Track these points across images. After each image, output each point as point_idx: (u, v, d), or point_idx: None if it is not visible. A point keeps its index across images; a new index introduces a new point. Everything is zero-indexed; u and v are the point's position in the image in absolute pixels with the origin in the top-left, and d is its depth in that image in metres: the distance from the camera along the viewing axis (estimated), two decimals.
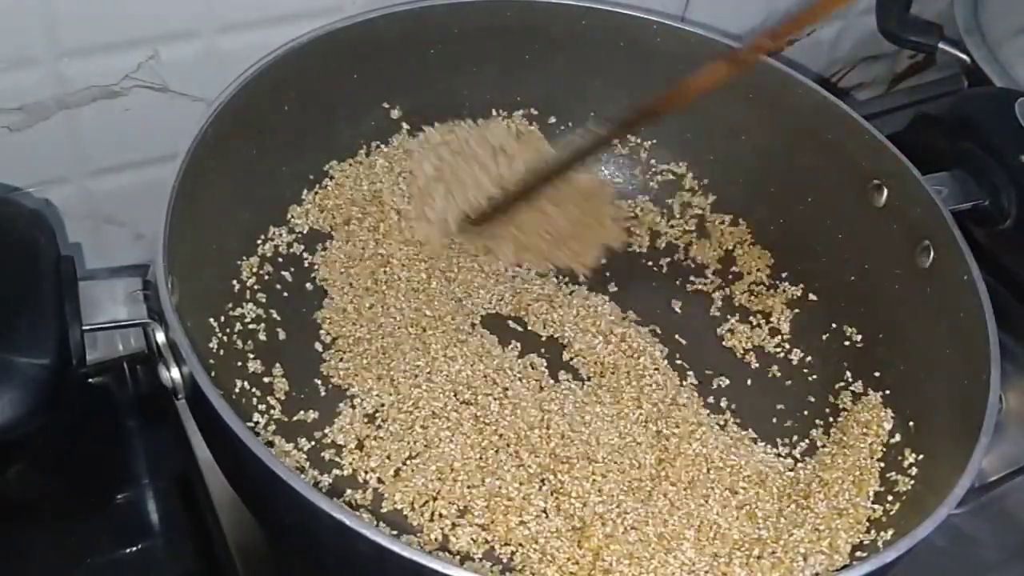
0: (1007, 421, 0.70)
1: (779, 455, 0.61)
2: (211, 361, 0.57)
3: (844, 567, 0.53)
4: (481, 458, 0.57)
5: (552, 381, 0.62)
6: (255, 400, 0.58)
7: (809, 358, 0.66)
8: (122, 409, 0.69)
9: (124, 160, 0.65)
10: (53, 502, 0.65)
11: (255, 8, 0.62)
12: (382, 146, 0.69)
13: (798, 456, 0.61)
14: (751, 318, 0.68)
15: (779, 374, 0.65)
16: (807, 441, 0.62)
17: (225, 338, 0.59)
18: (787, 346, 0.67)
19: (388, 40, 0.65)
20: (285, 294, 0.63)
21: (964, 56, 0.75)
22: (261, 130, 0.61)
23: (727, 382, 0.64)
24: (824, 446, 0.61)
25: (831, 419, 0.63)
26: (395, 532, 0.53)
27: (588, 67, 0.71)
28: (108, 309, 0.50)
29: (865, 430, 0.60)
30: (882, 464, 0.59)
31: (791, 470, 0.60)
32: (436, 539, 0.54)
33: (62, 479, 0.66)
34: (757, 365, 0.66)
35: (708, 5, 0.77)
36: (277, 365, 0.60)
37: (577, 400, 0.61)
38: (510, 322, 0.65)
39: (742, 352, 0.66)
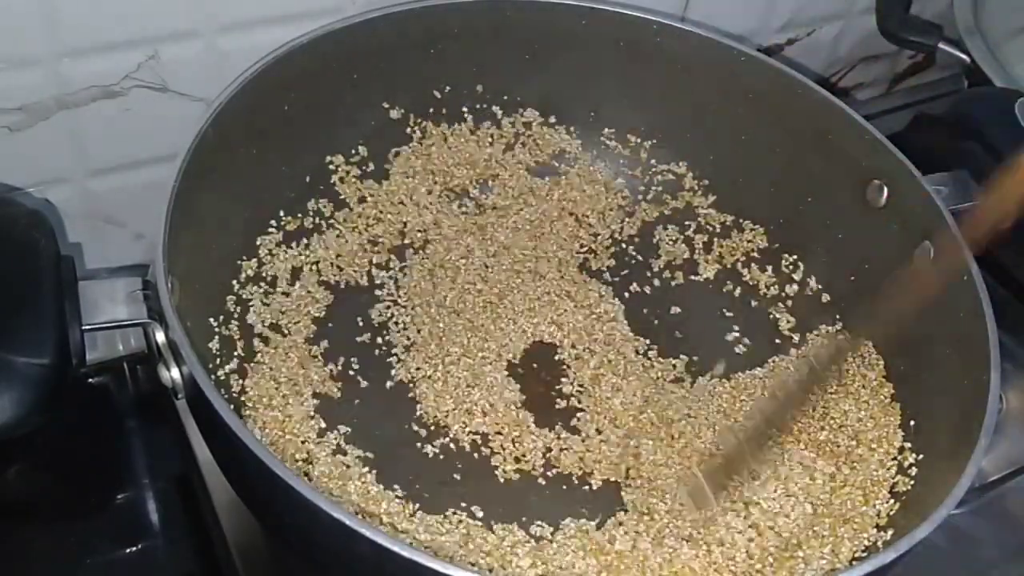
0: (1007, 421, 0.70)
1: None
2: (210, 364, 0.57)
3: (844, 567, 0.53)
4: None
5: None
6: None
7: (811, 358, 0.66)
8: (122, 409, 0.69)
9: (124, 160, 0.65)
10: (53, 502, 0.65)
11: (255, 8, 0.62)
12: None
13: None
14: (751, 318, 0.68)
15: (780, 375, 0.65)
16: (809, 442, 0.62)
17: (225, 338, 0.59)
18: (788, 346, 0.67)
19: (388, 40, 0.65)
20: (285, 294, 0.63)
21: (964, 56, 0.75)
22: (261, 130, 0.61)
23: (727, 383, 0.64)
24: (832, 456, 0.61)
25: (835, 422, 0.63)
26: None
27: (588, 67, 0.71)
28: (108, 309, 0.50)
29: (874, 446, 0.60)
30: (891, 473, 0.59)
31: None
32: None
33: (62, 479, 0.66)
34: (758, 366, 0.66)
35: (708, 5, 0.77)
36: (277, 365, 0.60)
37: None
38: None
39: (743, 352, 0.66)
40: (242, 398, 0.57)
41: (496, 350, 0.63)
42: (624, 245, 0.71)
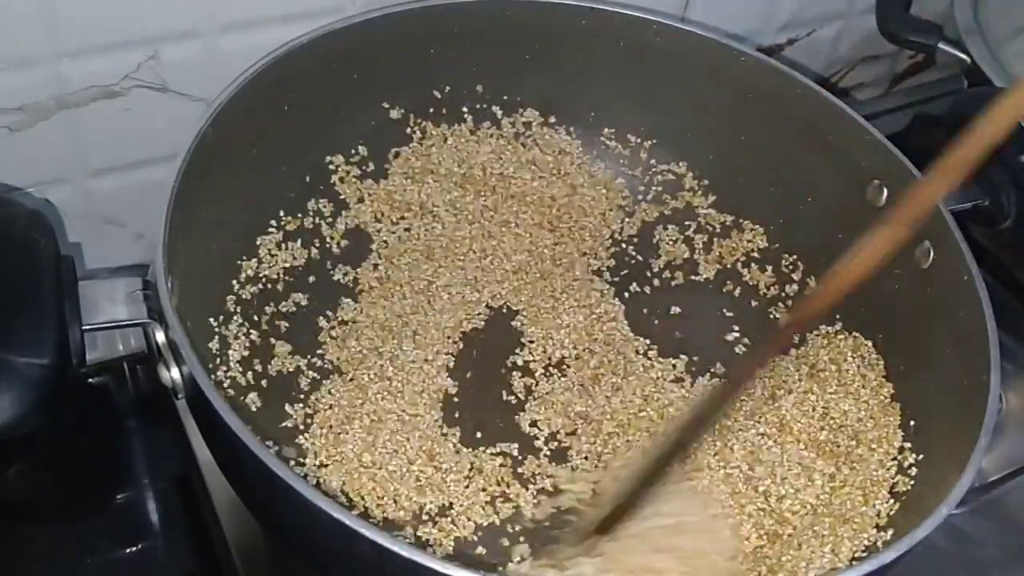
0: (1007, 421, 0.70)
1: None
2: (210, 364, 0.57)
3: (844, 567, 0.53)
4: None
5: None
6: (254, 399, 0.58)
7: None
8: (122, 409, 0.69)
9: (124, 160, 0.65)
10: (53, 502, 0.65)
11: (255, 8, 0.62)
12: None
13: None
14: (751, 318, 0.68)
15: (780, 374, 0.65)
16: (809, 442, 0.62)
17: (225, 338, 0.59)
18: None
19: (388, 40, 0.65)
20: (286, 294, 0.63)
21: (964, 56, 0.75)
22: (261, 130, 0.61)
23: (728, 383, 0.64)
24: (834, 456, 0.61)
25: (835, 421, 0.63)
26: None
27: (588, 67, 0.71)
28: (108, 309, 0.50)
29: (874, 446, 0.60)
30: (891, 474, 0.58)
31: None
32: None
33: (62, 479, 0.66)
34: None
35: (708, 5, 0.77)
36: (276, 365, 0.60)
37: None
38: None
39: (743, 352, 0.66)
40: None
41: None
42: (624, 245, 0.71)
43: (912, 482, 0.57)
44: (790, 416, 0.61)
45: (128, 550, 0.63)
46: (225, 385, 0.56)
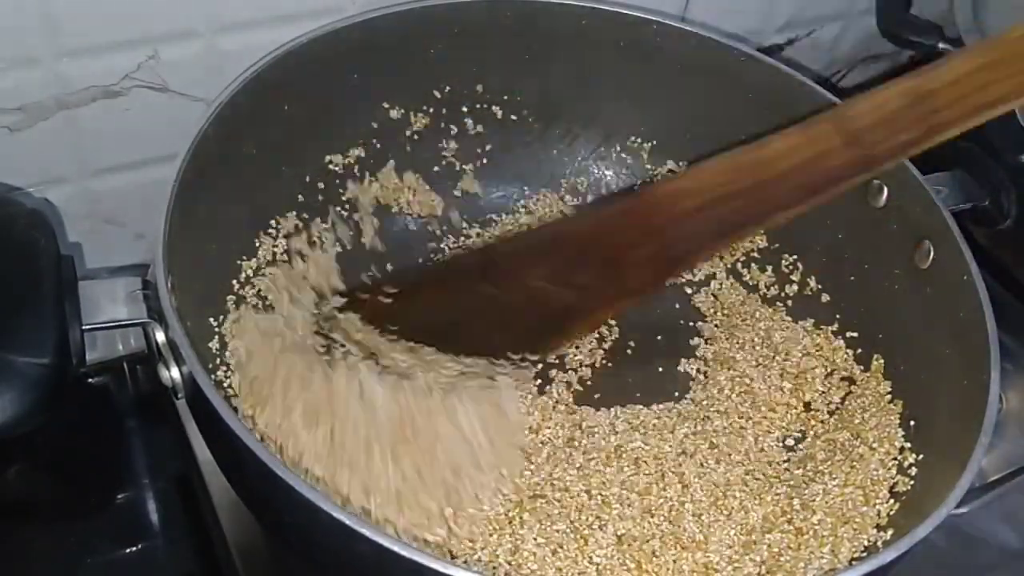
0: (1007, 421, 0.70)
1: (783, 461, 0.61)
2: (210, 364, 0.57)
3: (844, 567, 0.53)
4: None
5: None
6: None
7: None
8: (122, 409, 0.69)
9: (124, 160, 0.65)
10: (53, 502, 0.65)
11: (255, 8, 0.62)
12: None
13: (798, 460, 0.61)
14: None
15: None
16: (806, 445, 0.62)
17: (224, 337, 0.59)
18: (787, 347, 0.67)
19: (388, 40, 0.65)
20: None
21: None
22: (261, 130, 0.61)
23: (729, 384, 0.64)
24: (831, 454, 0.61)
25: (834, 420, 0.63)
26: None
27: (588, 67, 0.71)
28: (108, 309, 0.50)
29: (874, 446, 0.60)
30: (891, 473, 0.58)
31: (793, 474, 0.60)
32: None
33: (62, 479, 0.66)
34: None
35: (708, 5, 0.77)
36: None
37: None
38: None
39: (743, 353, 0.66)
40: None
41: None
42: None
43: (912, 482, 0.57)
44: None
45: (128, 550, 0.63)
46: (225, 385, 0.56)
